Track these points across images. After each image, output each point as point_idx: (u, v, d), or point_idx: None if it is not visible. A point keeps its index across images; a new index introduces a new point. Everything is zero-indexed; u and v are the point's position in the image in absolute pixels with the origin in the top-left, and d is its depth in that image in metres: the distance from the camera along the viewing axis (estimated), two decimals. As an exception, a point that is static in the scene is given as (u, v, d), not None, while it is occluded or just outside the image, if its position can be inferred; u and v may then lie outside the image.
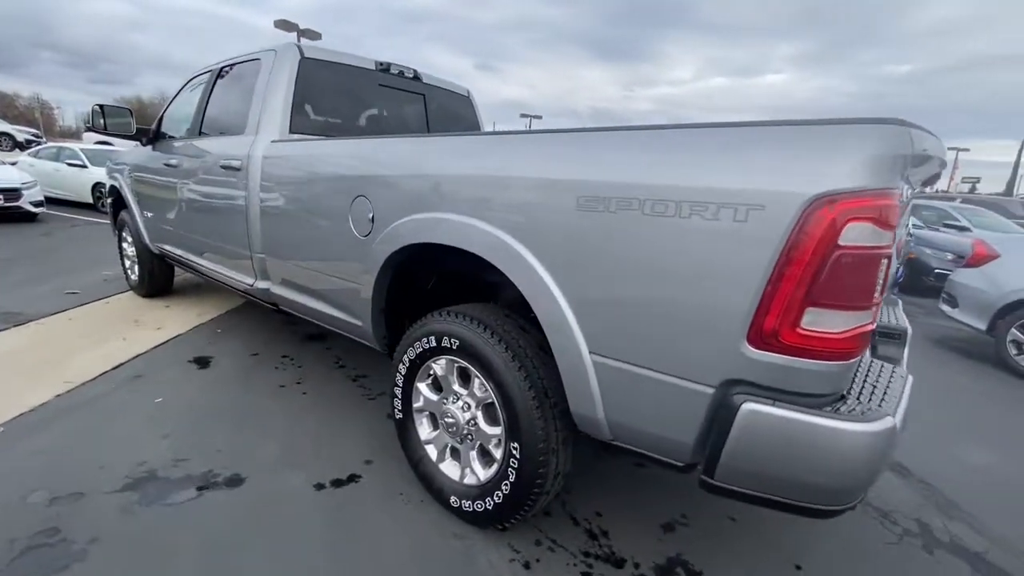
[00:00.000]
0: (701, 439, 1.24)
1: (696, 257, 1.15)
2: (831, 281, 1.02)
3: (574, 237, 1.34)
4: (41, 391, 2.64)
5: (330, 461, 2.20)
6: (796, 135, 1.07)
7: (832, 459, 1.08)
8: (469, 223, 1.54)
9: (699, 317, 1.17)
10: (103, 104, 3.48)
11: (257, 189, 2.55)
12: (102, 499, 1.86)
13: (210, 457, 2.16)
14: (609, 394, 1.37)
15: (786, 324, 1.06)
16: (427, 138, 1.82)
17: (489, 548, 1.76)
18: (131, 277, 4.47)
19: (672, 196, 1.16)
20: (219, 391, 2.78)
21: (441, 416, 1.88)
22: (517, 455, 1.60)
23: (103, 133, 3.57)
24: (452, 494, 1.83)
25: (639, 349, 1.29)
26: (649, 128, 1.25)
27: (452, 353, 1.75)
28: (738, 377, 1.15)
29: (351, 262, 2.08)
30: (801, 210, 1.02)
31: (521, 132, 1.55)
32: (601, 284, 1.32)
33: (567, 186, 1.33)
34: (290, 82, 2.61)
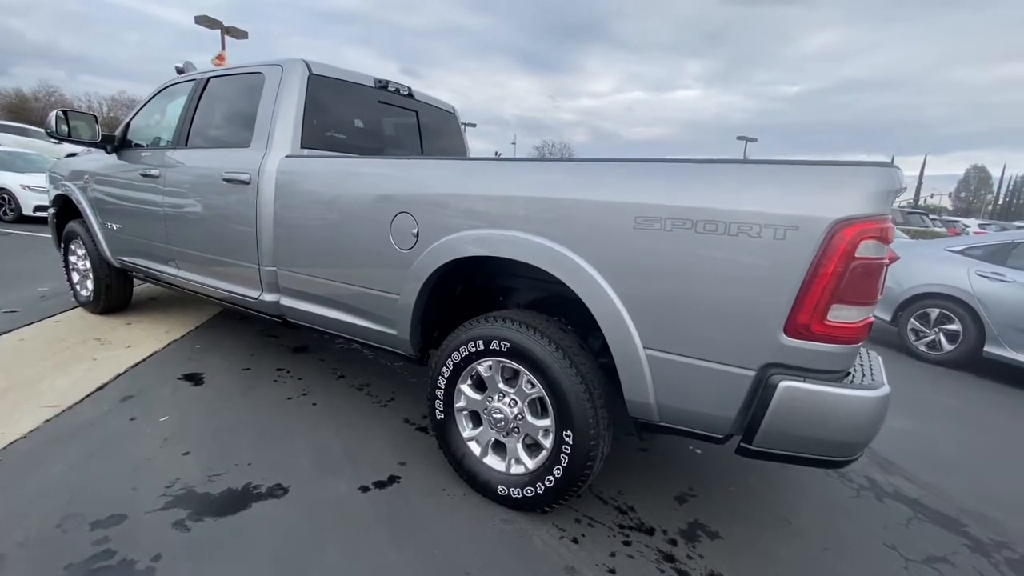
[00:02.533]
0: (742, 413, 1.53)
1: (742, 267, 1.44)
2: (850, 284, 1.34)
3: (631, 251, 1.59)
4: (26, 418, 2.47)
5: (365, 465, 2.29)
6: (819, 172, 1.39)
7: (851, 420, 1.41)
8: (532, 240, 1.74)
9: (743, 314, 1.46)
10: (66, 110, 3.27)
11: (270, 203, 2.58)
12: (148, 518, 1.84)
13: (244, 471, 2.17)
14: (660, 381, 1.63)
15: (816, 318, 1.37)
16: (483, 162, 1.99)
17: (538, 529, 1.95)
18: (81, 293, 4.15)
19: (722, 218, 1.45)
20: (224, 407, 2.73)
21: (487, 413, 2.05)
22: (570, 441, 1.81)
23: (65, 141, 3.34)
24: (500, 484, 2.01)
25: (688, 342, 1.56)
26: (697, 161, 1.53)
27: (501, 355, 1.94)
28: (775, 361, 1.45)
29: (389, 274, 2.19)
30: (827, 230, 1.34)
31: (579, 160, 1.78)
32: (654, 289, 1.58)
33: (625, 208, 1.58)
34: (300, 98, 2.66)
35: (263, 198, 2.59)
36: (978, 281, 4.37)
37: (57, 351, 3.32)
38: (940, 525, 2.22)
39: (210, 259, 2.96)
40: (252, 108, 2.82)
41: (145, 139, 3.55)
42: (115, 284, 3.98)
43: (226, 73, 3.05)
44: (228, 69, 3.05)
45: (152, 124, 3.56)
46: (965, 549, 2.07)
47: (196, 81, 3.17)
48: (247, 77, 2.90)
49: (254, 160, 2.64)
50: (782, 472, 2.53)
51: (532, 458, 1.98)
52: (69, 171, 3.96)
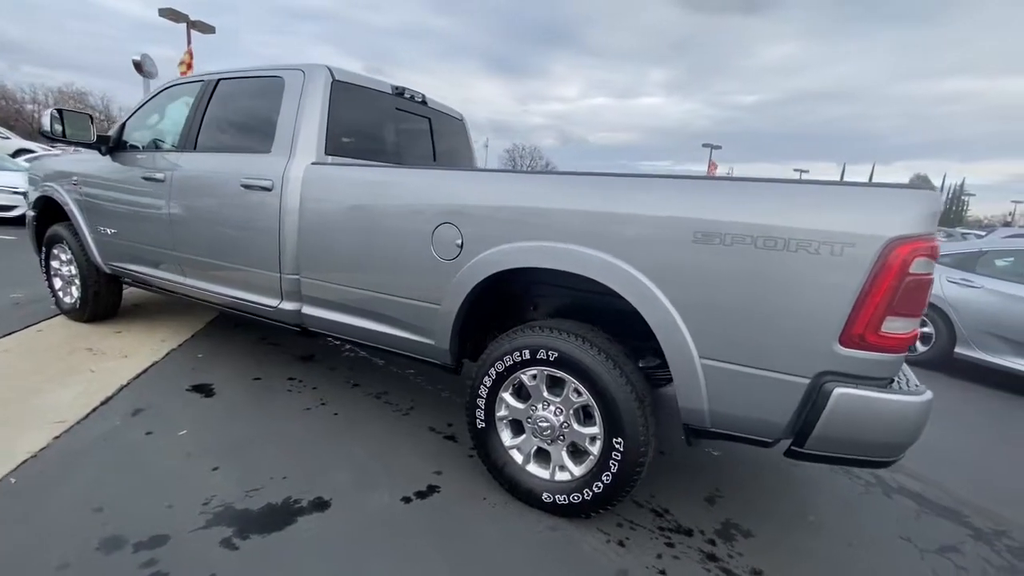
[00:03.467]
0: (794, 419, 1.62)
1: (800, 280, 1.53)
2: (903, 298, 1.45)
3: (689, 264, 1.66)
4: (33, 435, 2.35)
5: (400, 476, 2.28)
6: (873, 194, 1.49)
7: (900, 423, 1.52)
8: (587, 252, 1.79)
9: (800, 325, 1.55)
10: (61, 109, 3.12)
11: (294, 210, 2.53)
12: (193, 537, 1.79)
13: (279, 485, 2.13)
14: (714, 389, 1.70)
15: (871, 329, 1.47)
16: (534, 175, 2.03)
17: (584, 535, 2.00)
18: (64, 300, 3.94)
19: (781, 234, 1.53)
20: (242, 419, 2.66)
21: (531, 421, 2.08)
22: (621, 448, 1.87)
23: (60, 141, 3.18)
24: (544, 491, 2.04)
25: (743, 352, 1.64)
26: (756, 180, 1.61)
27: (548, 364, 1.97)
28: (829, 369, 1.54)
29: (429, 284, 2.20)
30: (883, 247, 1.44)
31: (637, 175, 1.83)
32: (711, 301, 1.65)
33: (684, 223, 1.65)
34: (324, 104, 2.63)
35: (287, 205, 2.54)
36: (949, 287, 4.68)
37: (48, 363, 3.15)
38: (945, 518, 2.38)
39: (223, 266, 2.87)
40: (270, 113, 2.77)
41: (143, 141, 3.42)
42: (104, 291, 3.80)
43: (239, 75, 2.97)
44: (241, 71, 2.97)
45: (152, 125, 3.43)
46: (969, 539, 2.24)
47: (204, 82, 3.08)
48: (263, 81, 2.84)
49: (277, 166, 2.59)
50: (794, 471, 2.66)
51: (578, 465, 2.02)
52: (54, 171, 3.76)
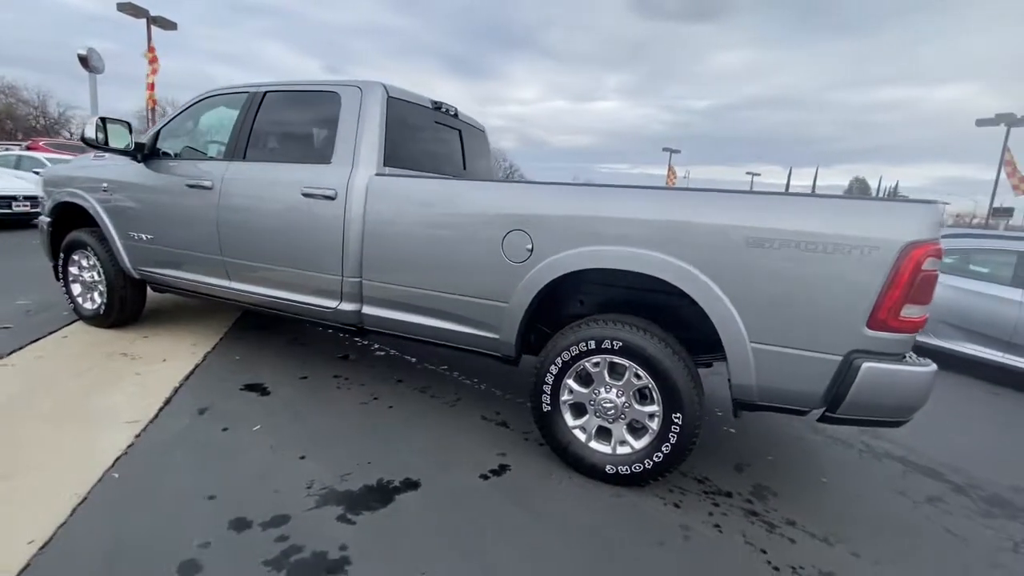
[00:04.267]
0: (829, 390, 1.98)
1: (835, 277, 1.89)
2: (918, 290, 1.83)
3: (742, 264, 1.99)
4: (110, 433, 2.45)
5: (470, 458, 2.52)
6: (893, 207, 1.87)
7: (914, 390, 1.90)
8: (654, 255, 2.10)
9: (835, 313, 1.91)
10: (104, 118, 3.17)
11: (358, 218, 2.72)
12: (310, 515, 1.98)
13: (367, 469, 2.33)
14: (762, 367, 2.04)
15: (892, 314, 1.85)
16: (604, 188, 2.31)
17: (644, 499, 2.30)
18: (85, 305, 3.92)
19: (821, 240, 1.88)
20: (306, 414, 2.82)
21: (593, 404, 2.37)
22: (679, 422, 2.18)
23: (102, 149, 3.22)
24: (608, 464, 2.34)
25: (787, 336, 1.99)
26: (799, 195, 1.96)
27: (612, 353, 2.27)
28: (858, 348, 1.91)
29: (498, 284, 2.45)
30: (901, 250, 1.81)
31: (695, 189, 2.15)
32: (761, 294, 1.99)
33: (739, 230, 1.98)
34: (381, 119, 2.83)
35: (351, 213, 2.73)
36: None
37: (87, 368, 3.19)
38: (927, 476, 2.83)
39: (278, 271, 3.01)
40: (326, 126, 2.94)
41: (176, 148, 3.49)
42: (130, 296, 3.83)
43: (288, 88, 3.12)
44: (289, 84, 3.12)
45: (190, 134, 3.51)
46: (950, 491, 2.69)
47: (250, 94, 3.20)
48: (317, 94, 3.01)
49: (339, 176, 2.77)
50: (800, 443, 3.05)
51: (637, 439, 2.33)
52: (78, 178, 3.76)
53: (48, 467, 2.15)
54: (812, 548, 2.08)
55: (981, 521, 2.44)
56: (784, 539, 2.12)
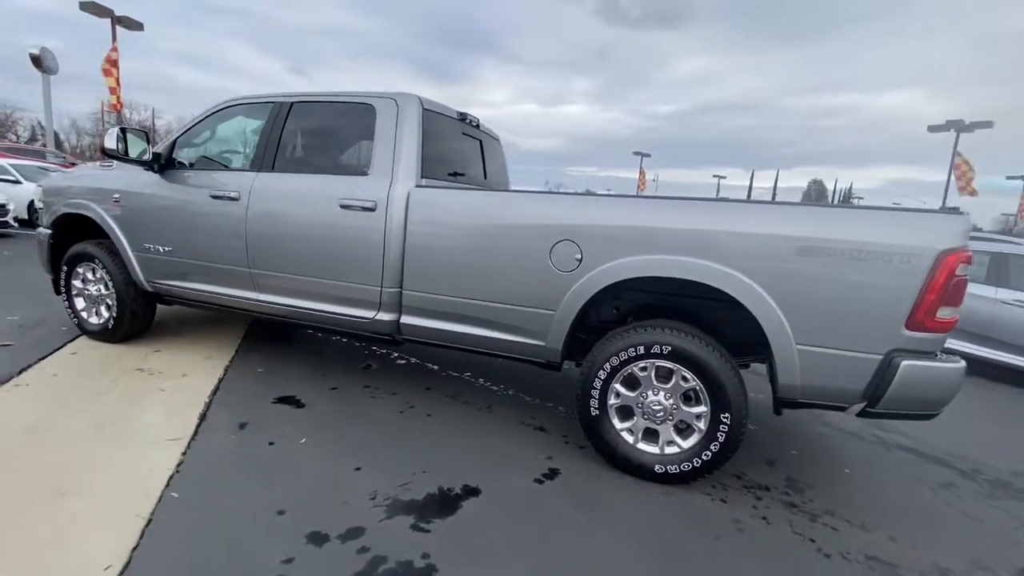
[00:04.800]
0: (869, 387, 2.13)
1: (877, 282, 2.04)
2: (951, 293, 1.99)
3: (790, 272, 2.13)
4: (156, 452, 2.40)
5: (520, 463, 2.58)
6: (928, 218, 2.04)
7: (947, 385, 2.07)
8: (705, 264, 2.21)
9: (876, 315, 2.06)
10: (124, 128, 3.08)
11: (399, 228, 2.75)
12: (385, 526, 2.00)
13: (424, 477, 2.36)
14: (807, 367, 2.18)
15: (929, 316, 2.01)
16: (653, 200, 2.40)
17: (692, 496, 2.41)
18: (90, 320, 3.79)
19: (866, 248, 2.03)
20: (347, 424, 2.82)
21: (641, 407, 2.46)
22: (728, 422, 2.30)
23: (122, 160, 3.13)
24: (657, 464, 2.44)
25: (831, 337, 2.13)
26: (842, 207, 2.11)
27: (661, 357, 2.37)
28: (897, 347, 2.07)
29: (545, 293, 2.52)
30: (936, 256, 1.98)
31: (745, 201, 2.27)
32: (807, 299, 2.13)
33: (789, 239, 2.12)
34: (418, 131, 2.86)
35: (392, 224, 2.75)
36: None
37: (108, 386, 3.10)
38: (936, 464, 3.05)
39: (312, 282, 3.00)
40: (361, 137, 2.96)
41: (192, 158, 3.43)
42: (140, 310, 3.72)
43: (317, 99, 3.11)
44: (318, 95, 3.12)
45: (207, 144, 3.45)
46: (958, 477, 2.90)
47: (275, 104, 3.18)
48: (349, 106, 3.01)
49: (378, 188, 2.79)
50: (817, 439, 3.23)
51: (685, 439, 2.43)
52: (85, 188, 3.63)
53: (102, 488, 2.10)
54: (853, 535, 2.23)
55: (991, 503, 2.65)
56: (827, 528, 2.26)
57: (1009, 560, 2.17)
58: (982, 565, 2.10)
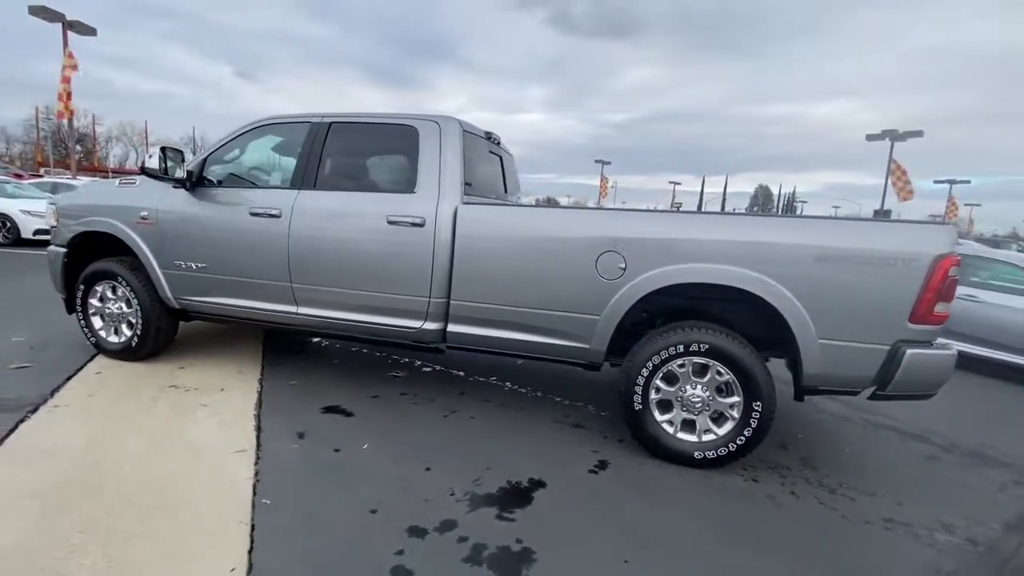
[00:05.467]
0: (879, 374, 2.49)
1: (884, 283, 2.40)
2: (945, 291, 2.37)
3: (812, 276, 2.46)
4: (228, 464, 2.48)
5: (569, 457, 2.80)
6: (925, 228, 2.42)
7: (943, 369, 2.45)
8: (739, 271, 2.51)
9: (884, 311, 2.42)
10: (165, 147, 3.13)
11: (446, 243, 2.93)
12: (474, 517, 2.18)
13: (491, 474, 2.55)
14: (827, 358, 2.51)
15: (928, 310, 2.38)
16: (690, 215, 2.69)
17: (729, 478, 2.70)
18: (108, 339, 3.74)
19: (875, 255, 2.39)
20: (399, 430, 2.96)
21: (682, 399, 2.74)
22: (759, 409, 2.61)
23: (161, 179, 3.16)
24: (696, 451, 2.71)
25: (847, 332, 2.47)
26: (855, 219, 2.46)
27: (699, 355, 2.66)
28: (902, 338, 2.43)
29: (591, 300, 2.76)
30: (932, 260, 2.35)
31: (769, 216, 2.59)
32: (827, 299, 2.46)
33: (809, 248, 2.45)
34: (461, 151, 3.06)
35: (440, 239, 2.93)
36: None
37: (150, 403, 3.11)
38: (918, 440, 3.48)
39: (359, 295, 3.12)
40: (405, 157, 3.13)
41: (221, 176, 3.48)
42: (165, 327, 3.72)
43: (356, 120, 3.25)
44: (356, 116, 3.26)
45: (238, 163, 3.51)
46: (939, 451, 3.33)
47: (312, 124, 3.29)
48: (391, 128, 3.18)
49: (426, 205, 2.97)
50: (815, 423, 3.62)
51: (720, 427, 2.73)
52: (109, 206, 3.60)
53: (194, 499, 2.18)
54: (867, 503, 2.57)
55: (970, 471, 3.08)
56: (845, 498, 2.60)
57: (994, 515, 2.56)
58: (975, 520, 2.48)
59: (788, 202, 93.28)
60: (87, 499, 2.14)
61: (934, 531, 2.36)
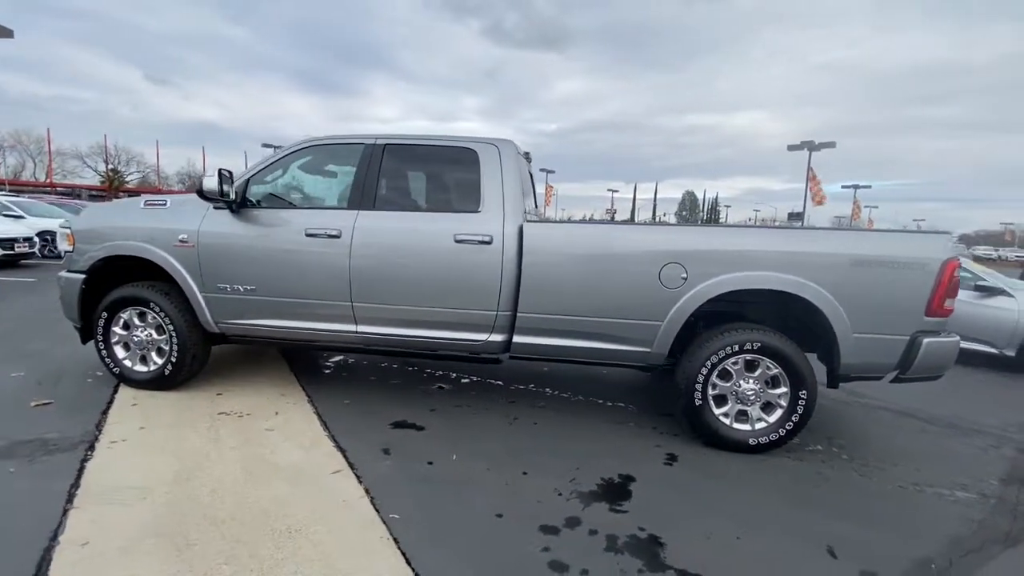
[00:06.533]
0: (901, 360, 2.94)
1: (906, 284, 2.85)
2: (952, 289, 2.86)
3: (848, 279, 2.87)
4: (333, 485, 2.51)
5: (641, 453, 3.04)
6: (934, 237, 2.90)
7: (951, 354, 2.93)
8: (785, 276, 2.88)
9: (905, 307, 2.87)
10: (222, 169, 3.06)
11: (514, 258, 3.10)
12: (590, 512, 2.36)
13: (584, 472, 2.73)
14: (861, 349, 2.93)
15: (940, 304, 2.85)
16: (743, 228, 3.01)
17: (780, 460, 3.05)
18: (136, 368, 3.56)
19: (896, 260, 2.84)
20: (473, 439, 3.08)
21: (737, 393, 3.06)
22: (805, 398, 2.98)
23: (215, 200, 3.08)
24: (750, 438, 3.05)
25: (875, 326, 2.91)
26: (881, 231, 2.90)
27: (752, 352, 3.00)
28: (920, 329, 2.89)
29: (654, 308, 3.03)
30: (941, 264, 2.83)
31: (813, 228, 2.97)
32: (860, 299, 2.88)
33: (844, 256, 2.86)
34: (518, 172, 3.25)
35: (507, 255, 3.10)
36: None
37: (209, 432, 3.04)
38: (906, 416, 4.03)
39: (425, 311, 3.21)
40: (464, 177, 3.27)
41: (259, 197, 3.44)
42: (200, 353, 3.60)
43: (411, 142, 3.35)
44: (411, 138, 3.36)
45: (283, 184, 3.49)
46: (926, 424, 3.90)
47: (366, 146, 3.35)
48: (451, 150, 3.31)
49: (493, 224, 3.12)
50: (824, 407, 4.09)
51: (770, 415, 3.08)
52: (139, 228, 3.44)
53: (317, 520, 2.20)
54: (894, 472, 3.00)
55: (955, 439, 3.64)
56: (876, 469, 3.02)
57: (989, 473, 3.08)
58: (977, 478, 2.98)
59: (712, 207, 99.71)
60: (210, 532, 2.11)
61: (954, 489, 2.82)
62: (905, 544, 2.28)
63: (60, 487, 2.38)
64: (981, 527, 2.47)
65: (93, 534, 2.05)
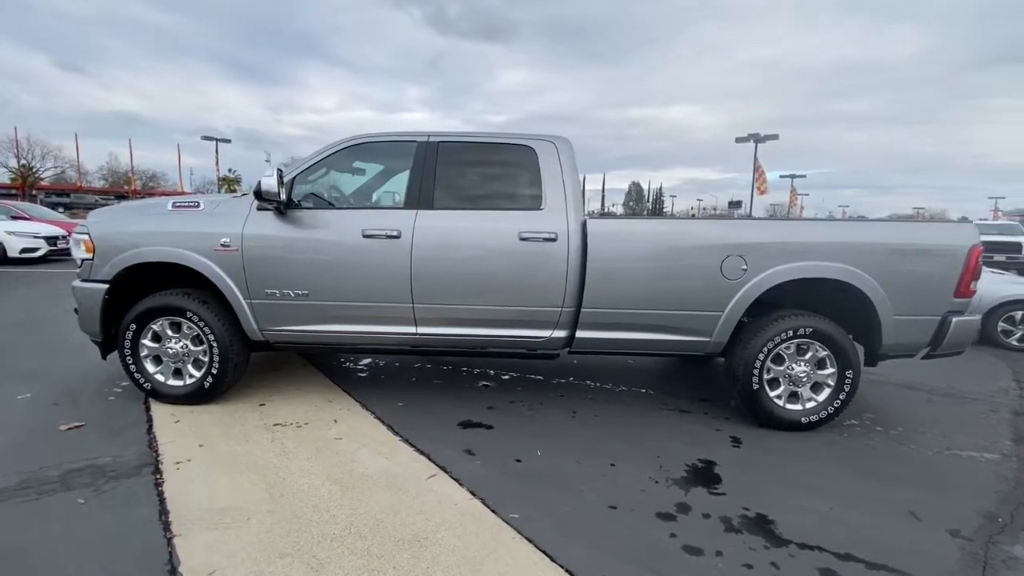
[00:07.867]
0: (933, 339, 3.23)
1: (939, 269, 3.13)
2: (976, 272, 3.17)
3: (888, 266, 3.12)
4: (434, 491, 2.48)
5: (707, 438, 3.19)
6: (961, 226, 3.20)
7: (973, 331, 3.26)
8: (833, 265, 3.09)
9: (939, 289, 3.15)
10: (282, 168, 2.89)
11: (579, 254, 3.14)
12: (693, 498, 2.47)
13: (667, 461, 2.84)
14: (900, 330, 3.20)
15: (966, 287, 3.16)
16: (798, 221, 3.17)
17: (827, 435, 3.28)
18: (170, 382, 3.33)
19: (930, 247, 3.11)
20: (544, 435, 3.11)
21: (789, 376, 3.26)
22: (851, 377, 3.22)
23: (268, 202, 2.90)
24: (803, 417, 3.26)
25: (913, 308, 3.18)
26: (915, 220, 3.15)
27: (803, 337, 3.20)
28: (950, 310, 3.19)
29: (715, 299, 3.17)
30: (969, 250, 3.13)
31: (858, 220, 3.18)
32: (898, 283, 3.14)
33: (886, 245, 3.11)
34: (576, 169, 3.28)
35: (572, 251, 3.14)
36: None
37: (274, 446, 2.91)
38: (909, 389, 4.41)
39: (488, 310, 3.20)
40: (524, 175, 3.27)
41: (302, 196, 3.29)
42: (241, 363, 3.41)
43: (466, 140, 3.30)
44: (465, 136, 3.31)
45: (329, 184, 3.34)
46: (929, 394, 4.28)
47: (420, 144, 3.27)
48: (507, 147, 3.28)
49: (557, 221, 3.15)
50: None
51: (819, 395, 3.30)
52: (171, 233, 3.19)
53: (445, 526, 2.17)
54: (926, 440, 3.31)
55: (959, 407, 4.03)
56: (912, 438, 3.32)
57: (1000, 435, 3.45)
58: (992, 441, 3.33)
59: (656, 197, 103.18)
60: (335, 548, 2.04)
61: (981, 451, 3.15)
62: (968, 503, 2.54)
63: (145, 515, 2.22)
64: (1018, 483, 2.79)
65: (216, 561, 1.93)
